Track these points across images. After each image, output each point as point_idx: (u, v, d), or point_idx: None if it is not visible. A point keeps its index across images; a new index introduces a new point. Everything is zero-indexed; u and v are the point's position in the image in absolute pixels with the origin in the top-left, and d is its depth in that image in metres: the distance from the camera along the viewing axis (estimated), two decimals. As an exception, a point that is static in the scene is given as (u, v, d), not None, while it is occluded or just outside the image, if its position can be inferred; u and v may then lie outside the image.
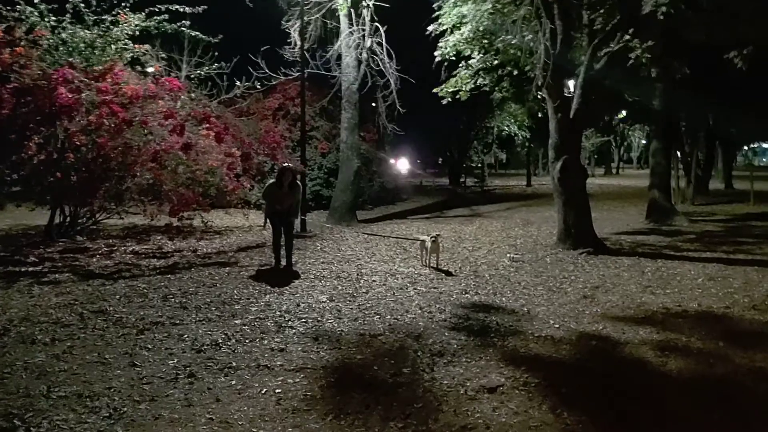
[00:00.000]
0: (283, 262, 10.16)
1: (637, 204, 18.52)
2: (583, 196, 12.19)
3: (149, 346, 6.04)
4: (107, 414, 4.46)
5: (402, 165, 28.65)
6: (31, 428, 4.22)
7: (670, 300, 7.93)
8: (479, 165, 42.77)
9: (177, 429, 4.22)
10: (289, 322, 6.97)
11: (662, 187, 17.57)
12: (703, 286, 8.75)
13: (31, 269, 9.78)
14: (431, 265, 10.19)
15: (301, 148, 16.54)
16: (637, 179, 34.30)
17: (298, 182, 10.17)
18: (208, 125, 13.87)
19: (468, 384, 5.06)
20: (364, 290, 8.62)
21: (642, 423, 4.38)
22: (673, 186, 20.08)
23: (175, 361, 5.63)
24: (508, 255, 11.39)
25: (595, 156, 62.69)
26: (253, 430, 4.23)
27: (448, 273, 9.82)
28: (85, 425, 4.28)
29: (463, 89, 14.40)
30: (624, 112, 28.89)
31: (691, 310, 7.49)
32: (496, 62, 13.86)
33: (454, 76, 14.43)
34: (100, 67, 12.29)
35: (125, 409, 4.56)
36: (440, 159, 42.45)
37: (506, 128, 37.50)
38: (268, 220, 10.31)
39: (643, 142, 67.78)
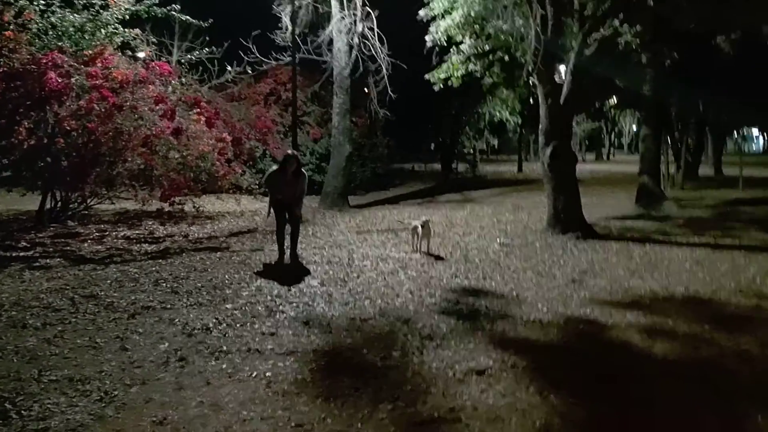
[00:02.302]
0: (287, 254, 9.63)
1: (626, 189, 18.62)
2: (573, 182, 12.25)
3: (140, 331, 6.08)
4: (98, 397, 4.50)
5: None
6: (23, 411, 4.26)
7: (658, 284, 8.02)
8: (471, 151, 42.81)
9: (168, 412, 4.26)
10: (280, 307, 7.01)
11: (652, 172, 17.65)
12: (691, 270, 8.84)
13: (22, 254, 9.79)
14: (422, 250, 10.24)
15: (292, 133, 16.54)
16: (627, 165, 34.42)
17: (303, 171, 9.63)
18: (198, 110, 13.88)
19: (456, 367, 5.12)
20: (355, 275, 8.67)
21: (628, 404, 4.45)
22: (663, 171, 20.17)
23: (166, 345, 5.68)
24: (498, 240, 11.46)
25: (586, 142, 62.82)
26: (244, 413, 4.28)
27: (438, 258, 9.88)
28: (76, 408, 4.31)
29: (455, 75, 14.38)
30: (615, 98, 28.95)
31: (678, 294, 7.58)
32: (487, 48, 13.83)
33: (446, 61, 14.41)
34: (90, 52, 12.25)
35: (116, 392, 4.60)
36: (432, 144, 42.35)
37: (497, 114, 37.48)
38: (272, 210, 9.66)
39: (634, 127, 67.95)
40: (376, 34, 17.32)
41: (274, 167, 9.95)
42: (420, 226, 10.18)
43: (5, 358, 5.30)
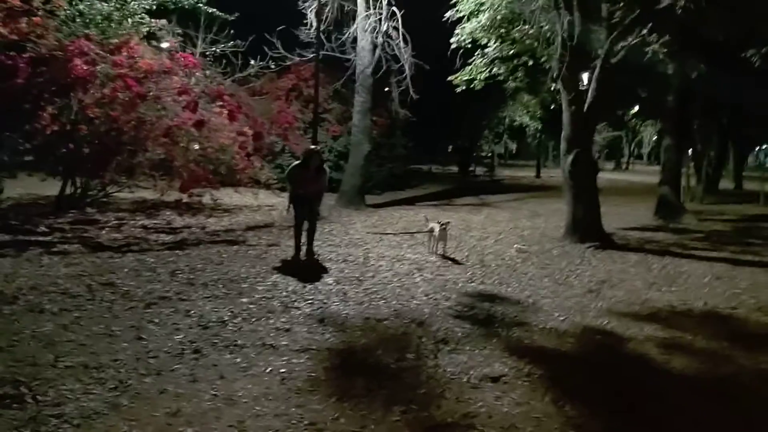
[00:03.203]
0: (304, 251, 9.53)
1: (645, 200, 18.45)
2: (593, 190, 12.16)
3: (156, 321, 6.10)
4: (113, 386, 4.51)
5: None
6: (38, 396, 4.27)
7: (676, 298, 7.93)
8: (489, 154, 42.66)
9: (182, 404, 4.26)
10: (295, 303, 7.01)
11: (672, 184, 17.47)
12: (710, 285, 8.73)
13: (40, 239, 9.85)
14: (438, 252, 10.20)
15: (313, 130, 16.54)
16: (646, 175, 34.18)
17: (325, 167, 9.61)
18: (221, 103, 13.91)
19: (471, 372, 5.08)
20: (370, 274, 8.65)
21: (644, 418, 4.40)
22: (683, 184, 19.97)
23: (182, 336, 5.68)
24: (515, 246, 11.39)
25: (606, 150, 62.34)
26: (257, 408, 4.27)
27: (454, 261, 9.84)
28: (91, 396, 4.33)
29: (478, 78, 14.33)
30: (637, 107, 28.68)
31: (697, 309, 7.48)
32: (512, 52, 13.79)
33: (470, 64, 14.36)
34: (116, 41, 12.32)
35: (131, 381, 4.61)
36: (450, 146, 42.23)
37: (518, 119, 37.35)
38: (291, 205, 9.53)
39: (655, 138, 67.32)
40: (400, 34, 17.30)
41: (297, 162, 9.83)
42: (437, 229, 10.14)
43: (22, 343, 5.32)
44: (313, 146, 10.26)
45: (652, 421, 4.35)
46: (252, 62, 19.13)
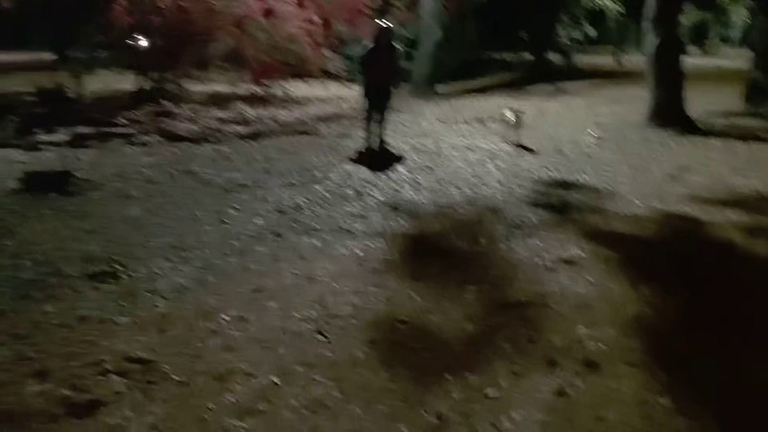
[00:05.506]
0: (375, 141, 9.33)
1: (734, 85, 17.27)
2: (678, 73, 11.48)
3: (236, 206, 6.31)
4: (200, 264, 4.76)
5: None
6: (131, 273, 4.56)
7: (762, 183, 7.54)
8: (566, 40, 40.65)
9: (265, 281, 4.47)
10: (368, 191, 7.08)
11: (765, 67, 16.27)
12: (801, 171, 8.28)
13: (121, 131, 10.20)
14: (512, 141, 9.99)
15: (383, 15, 16.05)
16: (735, 60, 31.90)
17: (397, 45, 9.26)
18: (289, -9, 13.61)
19: (545, 255, 5.08)
20: (442, 163, 8.60)
21: (721, 301, 4.32)
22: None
23: (261, 221, 5.88)
24: (592, 132, 11.02)
25: (692, 34, 58.37)
26: (336, 285, 4.43)
27: (528, 149, 9.63)
28: (179, 272, 4.59)
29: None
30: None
31: (786, 195, 7.14)
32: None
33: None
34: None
35: (216, 261, 4.85)
36: (524, 33, 40.41)
37: (599, 1, 35.13)
38: (365, 97, 9.15)
39: (746, 19, 62.38)
40: None
41: (370, 45, 9.28)
42: (511, 116, 9.88)
43: (113, 226, 5.63)
44: (382, 22, 9.73)
45: (731, 305, 4.27)
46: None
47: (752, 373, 3.41)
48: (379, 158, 8.81)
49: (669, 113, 11.22)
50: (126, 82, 13.67)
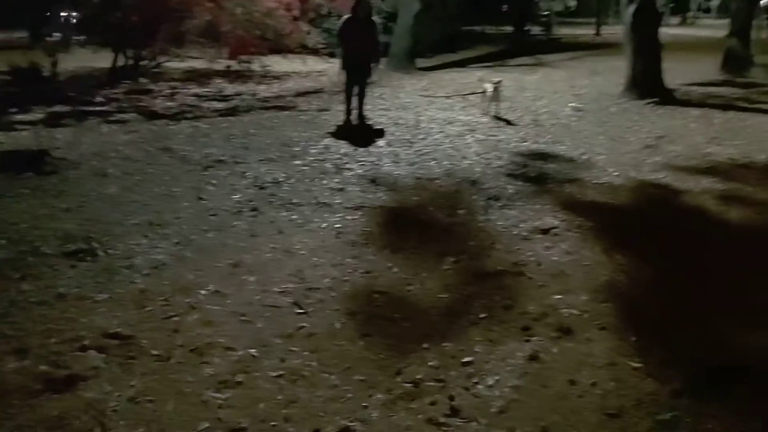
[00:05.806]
0: (355, 115, 9.29)
1: (711, 55, 17.35)
2: (655, 43, 11.52)
3: (214, 182, 6.29)
4: (177, 240, 4.76)
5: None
6: (108, 250, 4.54)
7: (738, 151, 7.66)
8: (546, 12, 40.50)
9: (243, 256, 4.48)
10: (347, 165, 7.08)
11: (741, 36, 16.33)
12: (775, 138, 8.39)
13: (98, 109, 10.08)
14: (491, 113, 10.01)
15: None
16: (714, 29, 31.96)
17: (375, 19, 9.14)
18: (264, -36, 13.43)
19: (522, 225, 5.15)
20: (421, 137, 8.60)
21: (695, 266, 4.40)
22: (753, 37, 18.64)
23: (239, 196, 5.87)
24: (570, 104, 11.06)
25: (671, 4, 58.31)
26: (314, 258, 4.46)
27: (507, 122, 9.65)
28: (157, 249, 4.58)
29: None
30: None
31: (759, 161, 7.24)
32: None
33: None
34: None
35: (194, 237, 4.85)
36: (504, 5, 40.17)
37: (577, -28, 34.98)
38: (343, 70, 9.06)
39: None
40: None
41: (346, 16, 9.15)
42: (489, 88, 9.88)
43: (90, 204, 5.60)
44: None
45: (703, 270, 4.35)
46: None
47: (723, 336, 3.49)
48: (358, 132, 8.80)
49: (647, 84, 11.28)
50: (102, 60, 13.47)
